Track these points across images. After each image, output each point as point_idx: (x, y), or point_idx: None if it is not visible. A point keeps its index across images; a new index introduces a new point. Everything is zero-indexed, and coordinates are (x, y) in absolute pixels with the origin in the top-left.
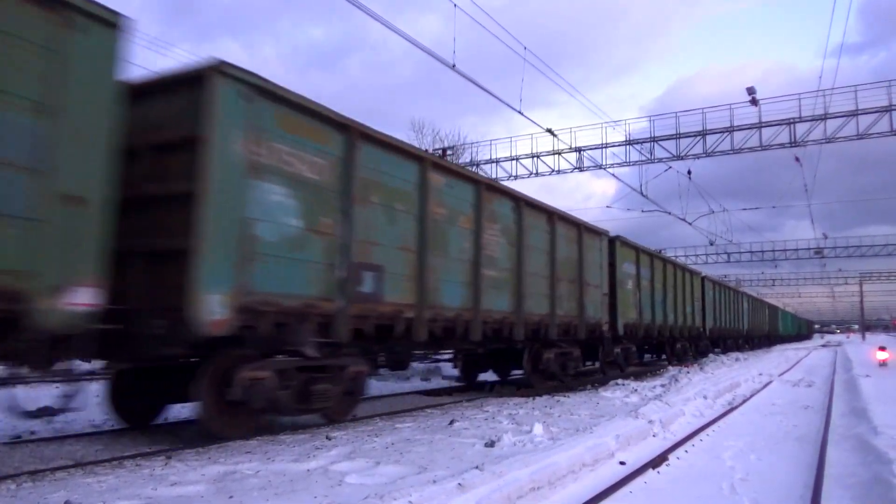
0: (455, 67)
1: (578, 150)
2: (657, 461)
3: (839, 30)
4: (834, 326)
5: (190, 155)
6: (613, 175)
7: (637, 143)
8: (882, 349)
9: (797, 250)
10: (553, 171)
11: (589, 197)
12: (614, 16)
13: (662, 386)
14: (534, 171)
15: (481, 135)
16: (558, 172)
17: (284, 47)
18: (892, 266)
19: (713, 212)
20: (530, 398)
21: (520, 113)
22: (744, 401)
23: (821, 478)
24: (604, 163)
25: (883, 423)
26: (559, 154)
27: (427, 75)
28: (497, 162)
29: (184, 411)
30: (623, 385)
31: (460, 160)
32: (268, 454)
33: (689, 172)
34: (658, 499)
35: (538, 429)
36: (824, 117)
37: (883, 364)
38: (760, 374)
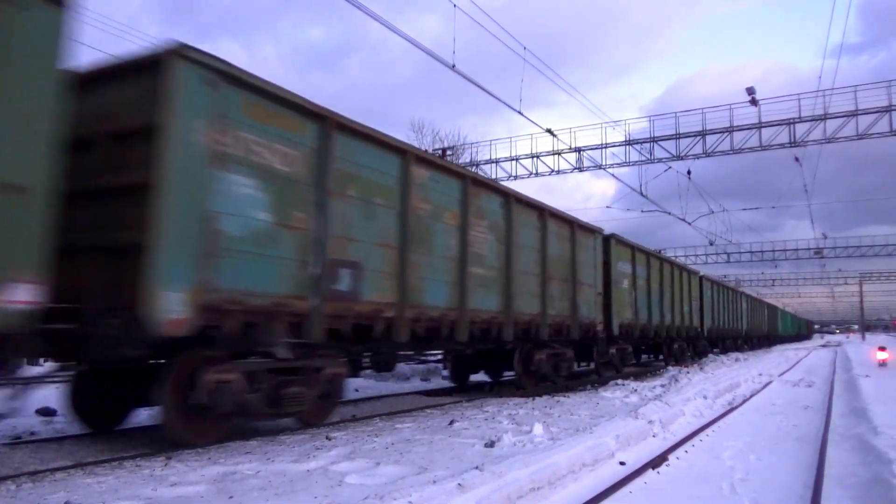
0: (455, 68)
1: (578, 151)
2: (657, 461)
3: (839, 30)
4: (834, 326)
5: (148, 144)
6: (613, 175)
7: (637, 144)
8: (882, 349)
9: (797, 250)
10: (553, 172)
11: (589, 197)
12: (614, 16)
13: (662, 386)
14: (533, 172)
15: (481, 135)
16: (558, 173)
17: (284, 47)
18: (892, 266)
19: (713, 212)
20: (530, 398)
21: (519, 113)
22: (744, 401)
23: (821, 478)
24: (603, 163)
25: (883, 423)
26: (559, 154)
27: (427, 75)
28: (497, 162)
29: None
30: (623, 385)
31: (460, 160)
32: (268, 454)
33: (689, 172)
34: (658, 499)
35: (538, 429)
36: (824, 117)
37: (883, 364)
38: (760, 375)
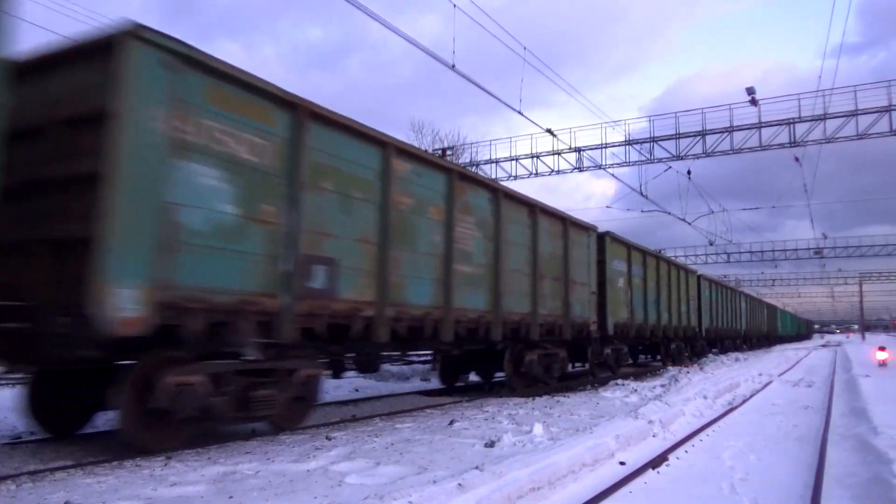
0: (455, 68)
1: (578, 151)
2: (657, 461)
3: (839, 30)
4: (834, 326)
5: (100, 132)
6: (613, 175)
7: (637, 144)
8: (882, 349)
9: (797, 250)
10: (553, 172)
11: (589, 197)
12: (614, 16)
13: (662, 386)
14: (533, 172)
15: (481, 135)
16: (558, 173)
17: (284, 47)
18: (892, 266)
19: (713, 212)
20: (530, 398)
21: (519, 113)
22: (744, 401)
23: (821, 478)
24: (603, 163)
25: (883, 423)
26: (559, 154)
27: (427, 75)
28: (497, 162)
29: None
30: (623, 385)
31: (460, 160)
32: (267, 454)
33: (689, 172)
34: (658, 499)
35: (538, 429)
36: (824, 117)
37: (882, 364)
38: (760, 374)
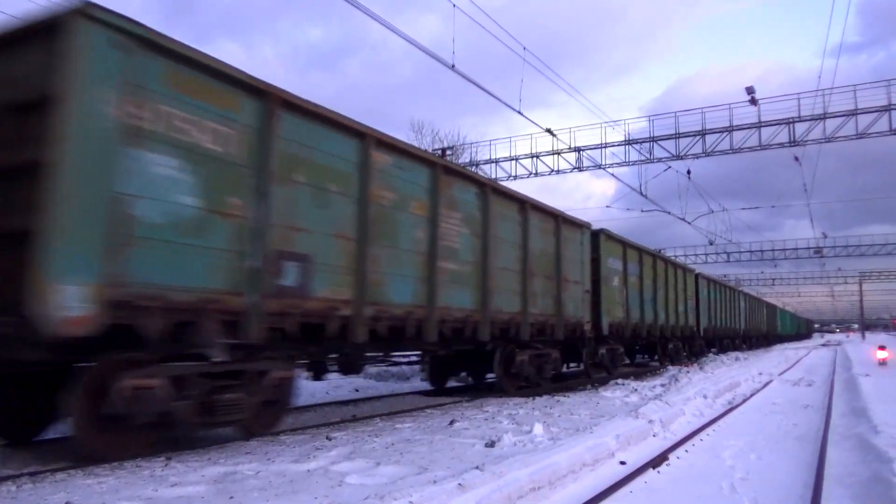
0: (455, 68)
1: (578, 150)
2: (657, 461)
3: (838, 29)
4: (834, 326)
5: (44, 117)
6: (613, 175)
7: (636, 143)
8: (882, 348)
9: (797, 249)
10: (552, 171)
11: (588, 197)
12: (614, 16)
13: (662, 385)
14: (533, 172)
15: (481, 135)
16: (558, 172)
17: (284, 48)
18: (892, 265)
19: (712, 211)
20: (530, 398)
21: (519, 113)
22: (744, 400)
23: (821, 477)
24: (603, 163)
25: (883, 422)
26: (558, 154)
27: (427, 75)
28: (496, 162)
29: None
30: (623, 385)
31: (460, 160)
32: (268, 455)
33: (689, 172)
34: (658, 498)
35: (538, 429)
36: (823, 117)
37: (883, 363)
38: (760, 374)
